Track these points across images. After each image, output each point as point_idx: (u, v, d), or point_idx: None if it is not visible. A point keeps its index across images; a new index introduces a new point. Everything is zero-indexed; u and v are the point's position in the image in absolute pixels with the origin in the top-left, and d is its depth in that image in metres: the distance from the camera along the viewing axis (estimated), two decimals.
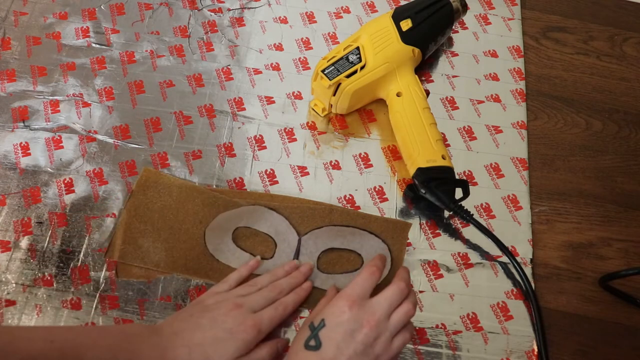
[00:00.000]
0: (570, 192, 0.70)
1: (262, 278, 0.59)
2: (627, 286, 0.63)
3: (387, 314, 0.52)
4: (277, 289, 0.57)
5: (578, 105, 0.76)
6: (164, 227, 0.61)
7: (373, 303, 0.52)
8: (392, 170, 0.68)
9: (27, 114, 0.67)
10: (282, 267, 0.60)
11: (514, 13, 0.81)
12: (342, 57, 0.67)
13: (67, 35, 0.73)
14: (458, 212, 0.62)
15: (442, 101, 0.73)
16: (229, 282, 0.58)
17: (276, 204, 0.64)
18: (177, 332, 0.51)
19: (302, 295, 0.59)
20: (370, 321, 0.51)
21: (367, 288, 0.53)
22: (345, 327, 0.50)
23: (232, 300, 0.54)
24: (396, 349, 0.52)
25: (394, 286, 0.53)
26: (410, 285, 0.56)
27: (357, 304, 0.51)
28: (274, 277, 0.59)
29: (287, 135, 0.69)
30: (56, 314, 0.57)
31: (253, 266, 0.60)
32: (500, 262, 0.64)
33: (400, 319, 0.52)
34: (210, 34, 0.75)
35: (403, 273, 0.56)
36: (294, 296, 0.58)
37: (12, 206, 0.62)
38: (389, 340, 0.52)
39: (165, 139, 0.67)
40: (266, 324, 0.54)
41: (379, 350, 0.51)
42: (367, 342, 0.50)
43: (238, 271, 0.59)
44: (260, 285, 0.58)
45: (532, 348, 0.60)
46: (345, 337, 0.50)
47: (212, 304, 0.54)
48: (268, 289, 0.57)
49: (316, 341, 0.50)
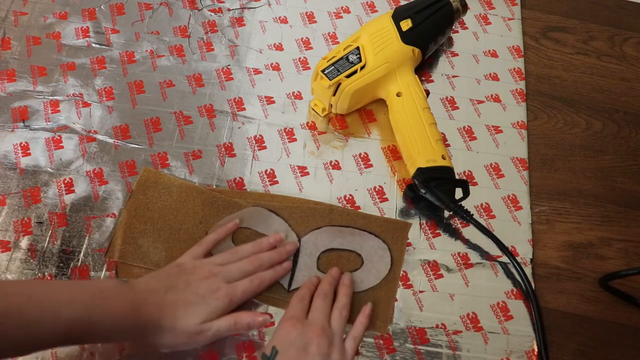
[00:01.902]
0: (570, 192, 0.70)
1: (245, 247, 0.60)
2: (627, 286, 0.63)
3: (326, 320, 0.55)
4: (257, 262, 0.58)
5: (578, 105, 0.76)
6: (164, 227, 0.61)
7: (310, 317, 0.55)
8: (392, 170, 0.68)
9: (27, 114, 0.67)
10: (268, 239, 0.61)
11: (514, 13, 0.81)
12: (342, 57, 0.67)
13: (67, 35, 0.73)
14: (458, 212, 0.62)
15: (442, 101, 0.73)
16: (205, 244, 0.59)
17: (276, 204, 0.64)
18: (150, 290, 0.52)
19: (280, 274, 0.60)
20: (317, 332, 0.53)
21: (304, 308, 0.56)
22: (296, 345, 0.52)
23: (209, 268, 0.56)
24: (351, 351, 0.55)
25: (318, 298, 0.57)
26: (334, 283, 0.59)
27: (299, 322, 0.54)
28: (258, 248, 0.60)
29: (287, 135, 0.69)
30: None
31: (230, 229, 0.61)
32: (500, 262, 0.64)
33: (338, 322, 0.55)
34: (210, 34, 0.75)
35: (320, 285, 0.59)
36: (272, 272, 0.59)
37: (12, 206, 0.62)
38: (341, 344, 0.54)
39: (165, 139, 0.67)
40: (239, 295, 0.55)
41: (337, 357, 0.52)
42: (322, 352, 0.52)
43: (216, 232, 0.60)
44: (241, 255, 0.59)
45: (532, 348, 0.60)
46: (299, 354, 0.51)
47: (189, 268, 0.56)
48: (248, 261, 0.58)
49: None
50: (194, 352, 0.56)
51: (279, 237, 0.61)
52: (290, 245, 0.61)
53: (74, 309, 0.47)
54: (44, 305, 0.46)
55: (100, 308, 0.48)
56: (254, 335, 0.58)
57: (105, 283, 0.52)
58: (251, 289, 0.57)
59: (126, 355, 0.55)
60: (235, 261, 0.58)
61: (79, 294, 0.48)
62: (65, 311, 0.47)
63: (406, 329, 0.60)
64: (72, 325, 0.47)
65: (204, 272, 0.55)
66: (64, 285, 0.51)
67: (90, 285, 0.52)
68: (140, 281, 0.54)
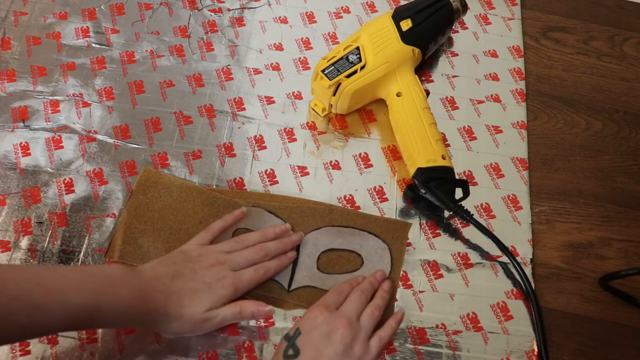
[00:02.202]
0: (570, 192, 0.70)
1: (251, 236, 0.60)
2: (627, 286, 0.63)
3: (356, 315, 0.54)
4: (263, 252, 0.58)
5: (578, 105, 0.76)
6: (164, 227, 0.61)
7: (342, 308, 0.55)
8: (392, 170, 0.68)
9: (27, 114, 0.67)
10: (274, 228, 0.61)
11: (514, 13, 0.81)
12: (342, 57, 0.67)
13: (67, 35, 0.73)
14: (458, 212, 0.62)
15: (442, 101, 0.73)
16: (212, 231, 0.59)
17: (276, 205, 0.64)
18: (157, 277, 0.53)
19: (285, 263, 0.60)
20: (343, 322, 0.52)
21: (339, 300, 0.56)
22: (320, 329, 0.52)
23: (215, 256, 0.56)
24: (375, 350, 0.54)
25: (355, 293, 0.56)
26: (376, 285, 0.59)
27: (328, 310, 0.54)
28: (263, 237, 0.60)
29: (287, 135, 0.69)
30: None
31: (238, 216, 0.61)
32: (500, 262, 0.64)
33: (368, 319, 0.55)
34: (210, 34, 0.75)
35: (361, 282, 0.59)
36: (277, 262, 0.59)
37: (12, 206, 0.62)
38: (366, 341, 0.53)
39: (165, 139, 0.67)
40: (244, 284, 0.56)
41: (359, 351, 0.52)
42: (345, 342, 0.51)
43: (223, 219, 0.60)
44: (247, 244, 0.59)
45: (532, 348, 0.60)
46: (322, 339, 0.51)
47: (196, 256, 0.56)
48: (254, 250, 0.58)
49: (294, 350, 0.51)
50: (194, 352, 0.56)
51: (285, 227, 0.61)
52: (295, 236, 0.61)
53: (81, 296, 0.47)
54: (52, 292, 0.46)
55: (108, 295, 0.49)
56: (254, 335, 0.58)
57: (113, 269, 0.52)
58: (256, 278, 0.57)
59: (126, 355, 0.55)
60: (241, 249, 0.58)
61: (87, 281, 0.49)
62: (73, 297, 0.47)
63: (406, 329, 0.60)
64: (79, 311, 0.47)
65: (211, 259, 0.56)
66: (73, 271, 0.51)
67: (98, 271, 0.52)
68: (146, 268, 0.54)
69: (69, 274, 0.49)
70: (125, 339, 0.56)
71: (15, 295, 0.45)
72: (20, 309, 0.45)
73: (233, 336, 0.57)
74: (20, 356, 0.55)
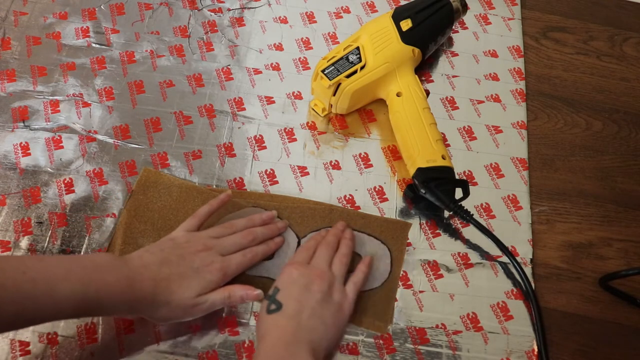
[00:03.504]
0: (570, 192, 0.70)
1: (238, 222, 0.60)
2: (627, 286, 0.63)
3: (327, 265, 0.57)
4: (251, 236, 0.59)
5: (578, 105, 0.76)
6: (164, 227, 0.61)
7: (313, 262, 0.57)
8: (392, 170, 0.68)
9: (27, 114, 0.67)
10: (260, 215, 0.62)
11: (514, 13, 0.81)
12: (342, 57, 0.67)
13: (67, 35, 0.73)
14: (458, 212, 0.62)
15: (442, 101, 0.73)
16: (199, 217, 0.59)
17: (276, 204, 0.64)
18: (145, 264, 0.53)
19: (272, 248, 0.61)
20: (317, 273, 0.55)
21: (308, 256, 0.58)
22: (298, 283, 0.54)
23: (203, 241, 0.56)
24: (352, 295, 0.57)
25: (322, 247, 0.59)
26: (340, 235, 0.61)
27: (301, 265, 0.57)
28: (251, 223, 0.60)
29: (287, 135, 0.69)
30: None
31: (224, 199, 0.61)
32: (500, 262, 0.64)
33: (338, 267, 0.57)
34: (210, 34, 0.75)
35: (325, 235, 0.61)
36: (265, 247, 0.60)
37: (12, 206, 0.62)
38: (342, 286, 0.56)
39: (165, 139, 0.67)
40: (233, 269, 0.56)
41: (338, 297, 0.55)
42: (322, 290, 0.54)
43: (209, 204, 0.60)
44: (234, 229, 0.59)
45: (532, 348, 0.60)
46: (301, 291, 0.53)
47: (184, 242, 0.56)
48: (241, 235, 0.59)
49: (276, 304, 0.53)
50: (194, 352, 0.56)
51: (271, 214, 0.62)
52: (281, 223, 0.62)
53: (69, 284, 0.47)
54: (38, 281, 0.46)
55: (96, 283, 0.49)
56: (254, 335, 0.58)
57: (100, 257, 0.52)
58: (245, 262, 0.57)
59: (126, 355, 0.56)
60: (229, 234, 0.58)
61: (74, 269, 0.49)
62: (60, 286, 0.47)
63: (406, 329, 0.60)
64: (67, 299, 0.47)
65: (198, 245, 0.56)
66: (59, 260, 0.51)
67: (85, 260, 0.52)
68: (134, 256, 0.54)
69: (55, 262, 0.49)
70: (125, 339, 0.56)
71: (2, 284, 0.45)
72: (7, 298, 0.45)
73: (233, 336, 0.57)
74: (20, 356, 0.55)
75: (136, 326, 0.57)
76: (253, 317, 0.58)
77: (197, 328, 0.57)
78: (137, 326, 0.57)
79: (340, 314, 0.55)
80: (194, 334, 0.57)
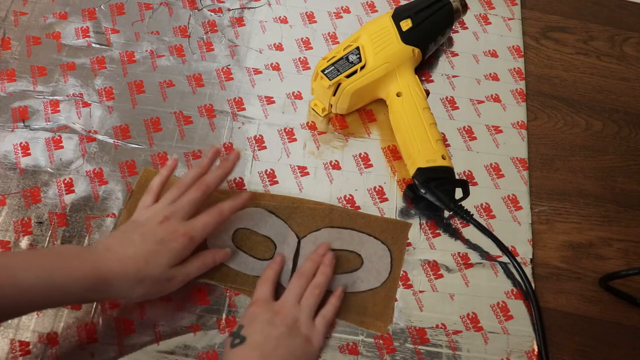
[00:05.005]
0: (570, 192, 0.70)
1: (187, 175, 0.58)
2: (627, 286, 0.63)
3: (295, 299, 0.56)
4: (203, 186, 0.57)
5: (578, 105, 0.76)
6: None
7: (282, 296, 0.56)
8: (392, 170, 0.68)
9: (27, 114, 0.67)
10: (206, 157, 0.60)
11: (514, 13, 0.81)
12: (342, 57, 0.67)
13: (67, 35, 0.73)
14: (458, 212, 0.62)
15: (442, 101, 0.73)
16: (153, 190, 0.58)
17: (276, 204, 0.64)
18: (109, 248, 0.52)
19: (239, 202, 0.59)
20: (282, 308, 0.54)
21: (267, 289, 0.57)
22: (260, 318, 0.53)
23: (161, 212, 0.55)
24: (321, 328, 0.56)
25: (294, 278, 0.57)
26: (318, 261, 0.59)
27: (264, 302, 0.55)
28: (199, 170, 0.59)
29: (287, 135, 0.69)
30: (56, 313, 0.57)
31: (172, 165, 0.60)
32: (500, 262, 0.64)
33: (308, 299, 0.56)
34: (210, 34, 0.75)
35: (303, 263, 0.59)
36: (231, 202, 0.58)
37: (12, 206, 0.62)
38: (310, 320, 0.55)
39: (165, 139, 0.67)
40: (199, 231, 0.55)
41: (306, 330, 0.54)
42: (287, 324, 0.53)
43: (159, 174, 0.59)
44: (185, 185, 0.58)
45: (532, 348, 0.60)
46: (264, 325, 0.52)
47: (143, 220, 0.55)
48: (195, 189, 0.57)
49: (240, 338, 0.52)
50: (194, 352, 0.56)
51: (216, 149, 0.60)
52: (233, 154, 0.60)
53: (33, 273, 0.47)
54: (2, 271, 0.46)
55: (62, 270, 0.48)
56: None
57: (63, 247, 0.52)
58: (211, 221, 0.56)
59: (126, 355, 0.56)
60: (183, 193, 0.57)
61: (38, 259, 0.49)
62: (26, 275, 0.47)
63: (406, 329, 0.60)
64: (33, 288, 0.47)
65: (158, 217, 0.55)
66: (24, 252, 0.51)
67: (49, 251, 0.52)
68: (98, 242, 0.54)
69: (17, 255, 0.50)
70: (125, 339, 0.56)
71: None
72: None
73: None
74: (20, 356, 0.55)
75: (136, 326, 0.57)
76: None
77: (197, 328, 0.57)
78: (137, 326, 0.57)
79: (309, 347, 0.54)
80: (194, 334, 0.57)
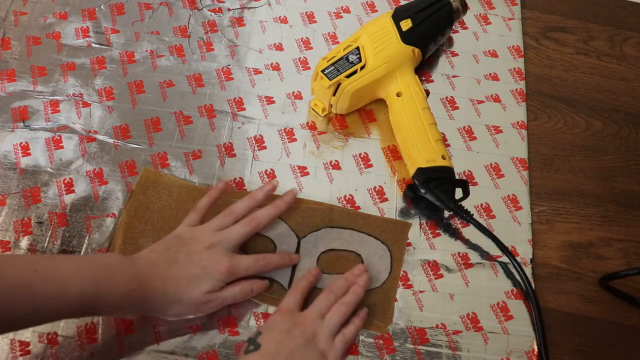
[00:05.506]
0: (570, 192, 0.70)
1: (239, 205, 0.59)
2: (627, 286, 0.63)
3: (319, 314, 0.55)
4: (254, 223, 0.58)
5: (578, 105, 0.76)
6: (164, 227, 0.61)
7: (303, 311, 0.56)
8: (392, 170, 0.68)
9: (27, 114, 0.67)
10: (262, 189, 0.60)
11: (514, 13, 0.81)
12: (342, 57, 0.67)
13: (67, 35, 0.73)
14: (458, 212, 0.62)
15: (442, 101, 0.73)
16: (200, 210, 0.59)
17: None
18: (154, 263, 0.53)
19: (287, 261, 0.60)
20: (304, 320, 0.54)
21: (295, 299, 0.56)
22: (280, 327, 0.53)
23: (208, 237, 0.56)
24: (340, 346, 0.54)
25: (324, 292, 0.57)
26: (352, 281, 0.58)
27: (288, 312, 0.55)
28: (252, 202, 0.59)
29: (287, 135, 0.69)
30: None
31: (222, 189, 0.60)
32: (500, 262, 0.64)
33: (333, 316, 0.55)
34: (210, 34, 0.75)
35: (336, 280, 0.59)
36: (278, 258, 0.59)
37: (12, 206, 0.62)
38: (329, 337, 0.54)
39: (165, 139, 0.67)
40: (241, 271, 0.56)
41: (323, 346, 0.53)
42: (305, 337, 0.52)
43: (208, 195, 0.60)
44: (235, 215, 0.58)
45: (532, 348, 0.60)
46: (282, 334, 0.52)
47: (189, 239, 0.56)
48: (244, 223, 0.57)
49: (255, 345, 0.51)
50: (194, 352, 0.56)
51: (273, 186, 0.61)
52: (288, 196, 0.61)
53: (79, 283, 0.47)
54: (49, 279, 0.46)
55: (106, 282, 0.49)
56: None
57: (109, 257, 0.52)
58: (254, 268, 0.57)
59: (126, 355, 0.56)
60: (231, 223, 0.58)
61: (85, 268, 0.49)
62: (71, 284, 0.47)
63: (406, 329, 0.60)
64: (78, 298, 0.47)
65: (204, 242, 0.55)
66: (70, 259, 0.51)
67: (94, 259, 0.52)
68: (142, 255, 0.54)
69: (65, 261, 0.50)
70: (125, 339, 0.56)
71: (13, 282, 0.45)
72: (18, 296, 0.45)
73: (233, 336, 0.57)
74: (20, 356, 0.55)
75: (136, 326, 0.57)
76: (253, 317, 0.58)
77: (197, 328, 0.57)
78: (137, 326, 0.57)
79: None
80: (194, 334, 0.57)
